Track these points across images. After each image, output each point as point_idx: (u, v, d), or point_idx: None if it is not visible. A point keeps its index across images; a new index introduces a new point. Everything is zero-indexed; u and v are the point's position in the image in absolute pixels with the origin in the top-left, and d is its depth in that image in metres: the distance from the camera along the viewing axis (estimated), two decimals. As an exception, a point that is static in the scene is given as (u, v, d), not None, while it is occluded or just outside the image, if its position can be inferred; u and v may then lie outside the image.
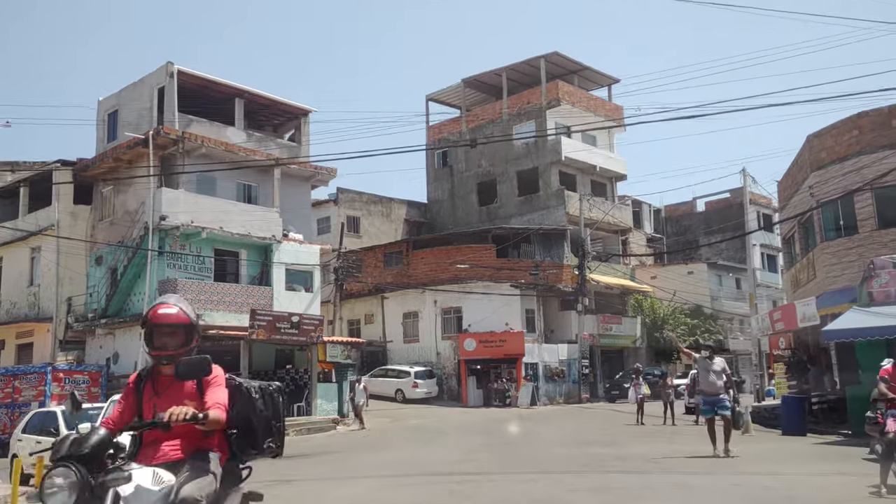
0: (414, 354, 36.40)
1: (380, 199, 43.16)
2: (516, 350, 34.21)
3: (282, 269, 27.52)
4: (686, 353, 13.85)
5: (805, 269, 23.70)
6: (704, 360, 12.31)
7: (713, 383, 11.99)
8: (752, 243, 52.10)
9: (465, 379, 34.47)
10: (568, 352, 36.73)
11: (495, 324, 34.57)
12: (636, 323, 41.61)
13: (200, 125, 27.44)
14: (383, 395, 34.16)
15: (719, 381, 12.04)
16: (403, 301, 37.29)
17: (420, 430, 22.60)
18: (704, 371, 12.14)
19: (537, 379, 34.95)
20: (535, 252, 36.82)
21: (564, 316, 38.24)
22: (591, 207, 39.21)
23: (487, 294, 34.48)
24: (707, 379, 12.06)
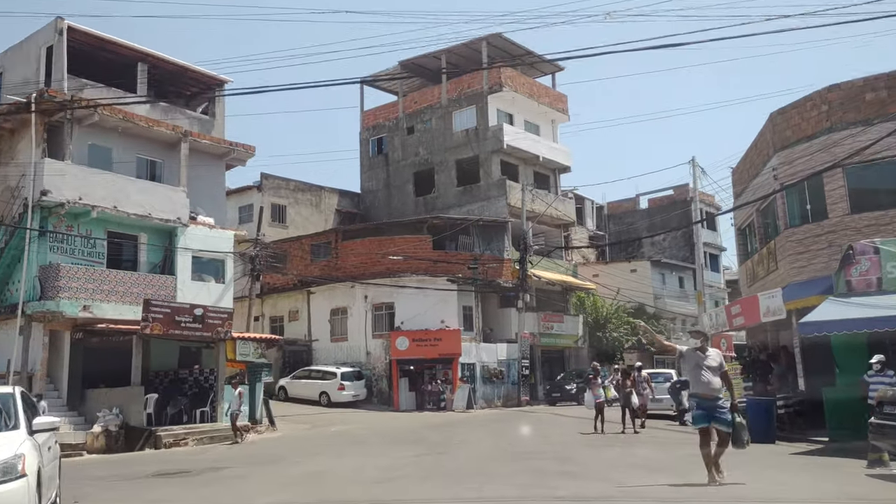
0: (342, 354, 33.49)
1: (308, 186, 40.08)
2: (452, 349, 31.68)
3: (188, 257, 24.29)
4: (668, 348, 10.68)
5: (764, 260, 21.79)
6: (694, 354, 9.20)
7: (707, 382, 8.91)
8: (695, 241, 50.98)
9: (396, 381, 31.75)
10: (507, 352, 34.40)
11: (430, 321, 31.96)
12: (578, 322, 39.59)
13: (96, 90, 24.00)
14: (306, 399, 31.22)
15: (715, 378, 8.96)
16: (331, 296, 34.34)
17: (340, 439, 19.79)
18: (695, 367, 9.06)
19: (474, 380, 32.48)
20: (475, 245, 34.38)
21: (504, 313, 35.90)
22: (534, 199, 37.00)
23: (422, 289, 31.85)
24: (699, 377, 8.99)
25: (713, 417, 8.90)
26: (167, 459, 16.81)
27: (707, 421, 8.92)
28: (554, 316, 38.13)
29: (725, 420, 8.90)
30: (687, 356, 9.30)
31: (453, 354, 31.73)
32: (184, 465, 15.14)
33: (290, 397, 31.91)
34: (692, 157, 30.37)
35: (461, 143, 38.56)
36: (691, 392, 9.25)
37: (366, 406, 31.13)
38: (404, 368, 32.24)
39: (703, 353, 9.16)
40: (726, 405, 8.97)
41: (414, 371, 32.77)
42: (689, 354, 9.27)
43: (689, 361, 9.20)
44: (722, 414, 8.90)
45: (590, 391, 18.67)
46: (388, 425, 24.12)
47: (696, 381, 9.09)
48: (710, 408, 8.93)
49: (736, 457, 12.61)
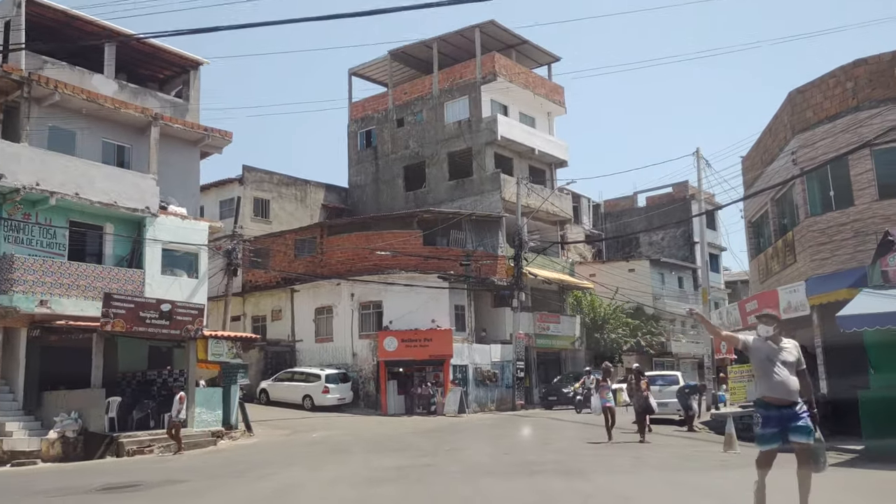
0: (327, 355, 31.73)
1: (293, 180, 38.31)
2: (443, 350, 29.97)
3: (158, 249, 22.51)
4: (727, 338, 7.71)
5: (780, 253, 20.18)
6: (764, 345, 6.79)
7: (783, 382, 6.57)
8: (695, 240, 49.44)
9: (384, 383, 30.00)
10: (501, 353, 32.71)
11: (420, 321, 30.25)
12: (575, 322, 37.94)
13: (58, 69, 22.29)
14: (289, 402, 29.48)
15: (793, 377, 6.62)
16: (316, 294, 32.59)
17: (319, 447, 18.04)
18: (765, 362, 6.68)
19: (467, 383, 30.78)
20: (467, 241, 32.69)
21: (498, 313, 34.23)
22: (529, 193, 35.36)
23: (412, 286, 30.14)
24: (771, 375, 6.61)
25: (791, 430, 6.54)
26: (124, 469, 15.05)
27: (779, 440, 6.55)
28: (550, 316, 36.48)
29: (806, 429, 6.55)
30: (755, 348, 6.87)
31: (444, 356, 30.04)
32: (139, 476, 13.38)
33: (272, 401, 30.17)
34: (696, 149, 28.80)
35: (453, 135, 36.90)
36: (759, 396, 6.81)
37: (352, 410, 29.40)
38: (393, 370, 30.54)
39: (777, 345, 6.81)
40: (804, 411, 6.67)
41: (403, 373, 31.08)
42: (758, 346, 6.86)
43: (758, 354, 6.80)
44: (801, 423, 6.58)
45: (597, 395, 16.87)
46: (373, 431, 22.39)
47: (766, 381, 6.69)
48: (785, 417, 6.55)
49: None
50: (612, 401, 16.70)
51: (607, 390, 16.82)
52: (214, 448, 19.27)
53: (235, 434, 21.18)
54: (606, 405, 16.59)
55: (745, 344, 6.93)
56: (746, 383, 25.87)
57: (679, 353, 44.28)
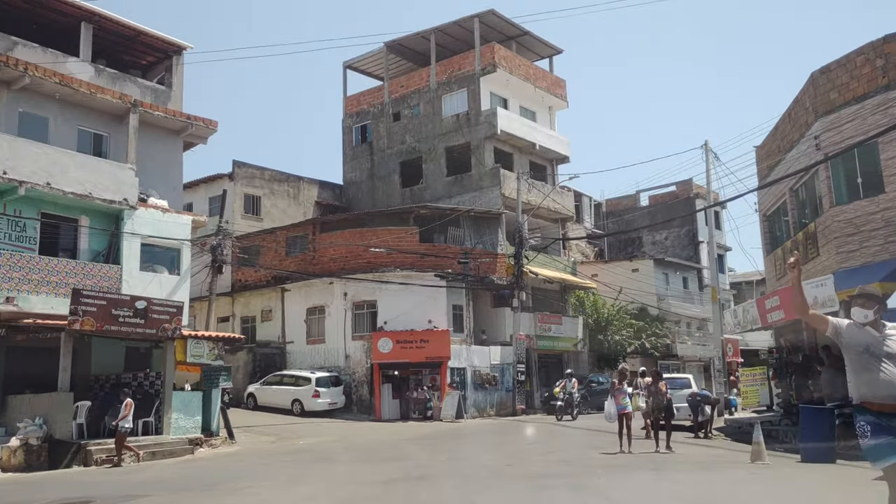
0: (318, 357, 30.35)
1: (286, 176, 36.96)
2: (440, 352, 28.61)
3: (137, 244, 21.14)
4: (813, 318, 5.13)
5: (800, 246, 18.83)
6: (863, 332, 4.98)
7: (890, 382, 4.77)
8: (700, 239, 48.13)
9: (378, 387, 28.62)
10: (501, 355, 31.34)
11: (416, 321, 28.90)
12: (578, 323, 36.57)
13: (30, 51, 20.96)
14: (278, 407, 28.11)
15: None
16: (307, 294, 31.22)
17: (304, 455, 16.67)
18: (865, 355, 4.90)
19: (465, 387, 29.40)
20: (465, 238, 31.34)
21: (497, 314, 32.87)
22: (530, 189, 34.04)
23: (408, 285, 28.78)
24: (876, 372, 4.83)
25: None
26: (86, 481, 13.67)
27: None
28: (552, 317, 35.12)
29: None
30: (849, 336, 5.03)
31: (441, 358, 28.68)
32: (99, 489, 12.02)
33: (259, 406, 28.79)
34: (705, 142, 27.45)
35: (451, 129, 35.58)
36: (859, 400, 4.91)
37: (344, 415, 28.02)
38: (387, 373, 29.17)
39: (879, 332, 4.98)
40: None
41: (398, 376, 29.72)
42: (854, 334, 5.02)
43: (854, 345, 4.99)
44: None
45: (612, 400, 15.44)
46: (365, 438, 21.01)
47: (866, 380, 4.90)
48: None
49: (805, 480, 9.59)
50: (629, 406, 15.27)
51: (623, 395, 15.40)
52: (191, 457, 17.87)
53: (216, 442, 19.78)
54: (624, 412, 15.15)
55: (835, 329, 5.07)
56: (759, 387, 24.58)
57: (685, 356, 42.90)
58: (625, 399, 15.09)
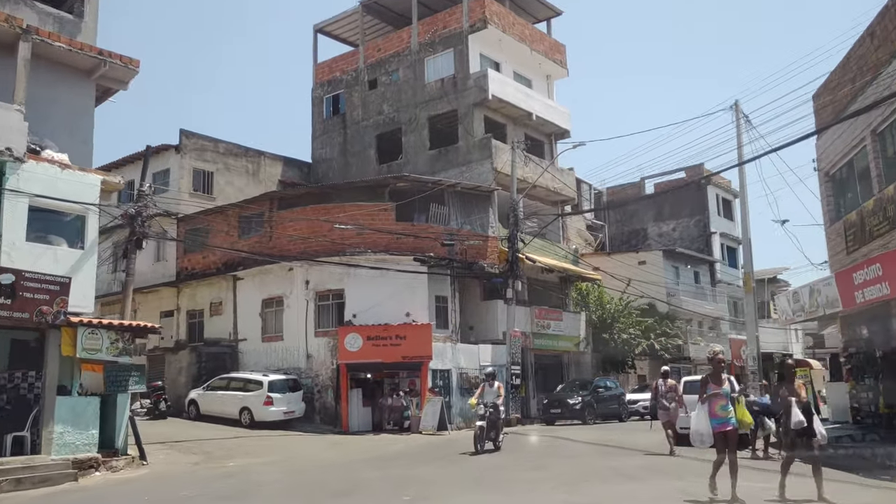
0: (275, 357, 25.54)
1: (244, 150, 32.13)
2: (420, 351, 23.89)
3: (24, 206, 16.29)
4: None
5: (886, 207, 14.18)
6: None
7: None
8: (712, 231, 43.63)
9: (346, 392, 23.84)
10: (492, 355, 26.65)
11: (391, 314, 24.16)
12: (580, 320, 31.92)
13: None
14: (224, 417, 23.29)
15: None
16: (263, 282, 26.41)
17: (221, 484, 11.91)
18: None
19: (449, 392, 24.68)
20: (451, 217, 26.62)
21: (488, 307, 28.19)
22: (527, 162, 29.44)
23: (382, 271, 24.05)
24: None
25: None
26: None
27: None
28: (551, 312, 30.45)
29: None
30: None
31: (421, 358, 23.95)
32: None
33: (203, 414, 23.97)
34: (734, 102, 22.88)
35: (435, 96, 30.91)
36: None
37: (304, 426, 23.20)
38: (357, 376, 24.43)
39: None
40: None
41: (370, 380, 25.01)
42: None
43: None
44: None
45: (703, 410, 9.67)
46: (315, 459, 16.21)
47: None
48: None
49: None
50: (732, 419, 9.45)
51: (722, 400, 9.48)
52: (71, 486, 13.02)
53: (118, 463, 14.91)
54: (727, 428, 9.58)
55: None
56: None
57: (697, 359, 38.33)
58: (726, 407, 9.49)
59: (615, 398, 27.84)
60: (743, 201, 24.01)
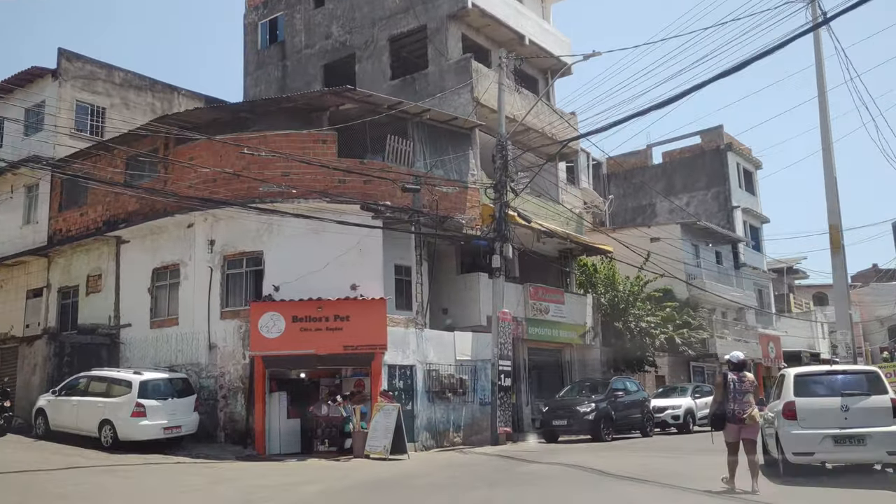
0: (168, 349, 18.16)
1: (149, 83, 24.58)
2: (371, 338, 16.70)
3: None
4: None
5: None
6: None
7: None
8: (734, 205, 36.84)
9: (261, 397, 16.51)
10: (473, 346, 19.51)
11: (330, 286, 16.87)
12: (586, 304, 24.82)
13: None
14: (80, 433, 15.90)
15: None
16: (155, 245, 19.04)
17: None
18: None
19: (413, 396, 17.54)
20: (417, 155, 19.41)
21: (468, 283, 21.09)
22: (518, 90, 22.40)
23: (317, 226, 16.82)
24: None
25: None
26: None
27: None
28: (550, 291, 23.38)
29: None
30: None
31: (372, 348, 16.73)
32: None
33: (53, 429, 16.52)
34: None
35: (398, 9, 23.69)
36: None
37: (199, 448, 15.90)
38: (282, 375, 17.20)
39: None
40: None
41: (304, 381, 17.78)
42: None
43: None
44: None
45: None
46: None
47: None
48: None
49: None
50: None
51: None
52: None
53: None
54: None
55: None
56: None
57: (723, 356, 31.30)
58: None
59: (638, 405, 20.74)
60: (826, 131, 17.02)
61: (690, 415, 22.26)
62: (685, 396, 22.79)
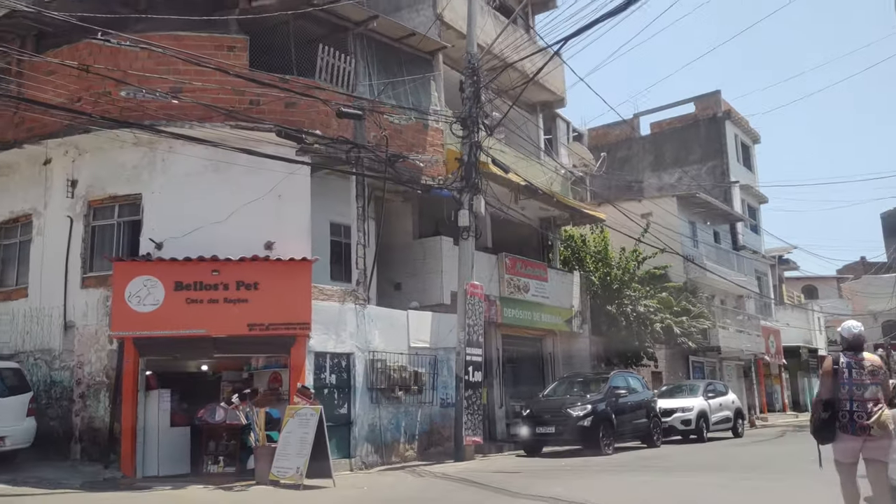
0: (14, 331, 13.27)
1: None
2: (289, 315, 11.97)
3: None
4: None
5: None
6: None
7: None
8: (733, 180, 32.71)
9: (131, 397, 11.63)
10: (433, 331, 14.92)
11: (236, 243, 12.07)
12: (573, 283, 20.37)
13: None
14: None
15: None
16: (1, 190, 14.08)
17: None
18: None
19: (349, 396, 12.89)
20: (362, 78, 14.68)
21: (426, 249, 16.47)
22: (494, 15, 17.84)
23: (219, 160, 12.10)
24: None
25: None
26: None
27: None
28: (530, 265, 18.90)
29: None
30: None
31: (291, 328, 11.99)
32: None
33: None
34: None
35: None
36: None
37: (38, 469, 11.03)
38: (164, 365, 12.38)
39: None
40: None
41: (199, 376, 13.06)
42: None
43: None
44: None
45: None
46: None
47: None
48: None
49: None
50: None
51: None
52: None
53: None
54: None
55: None
56: None
57: (727, 350, 27.12)
58: None
59: (642, 407, 16.30)
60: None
61: (704, 419, 17.92)
62: (696, 396, 18.45)
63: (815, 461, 6.04)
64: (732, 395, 20.12)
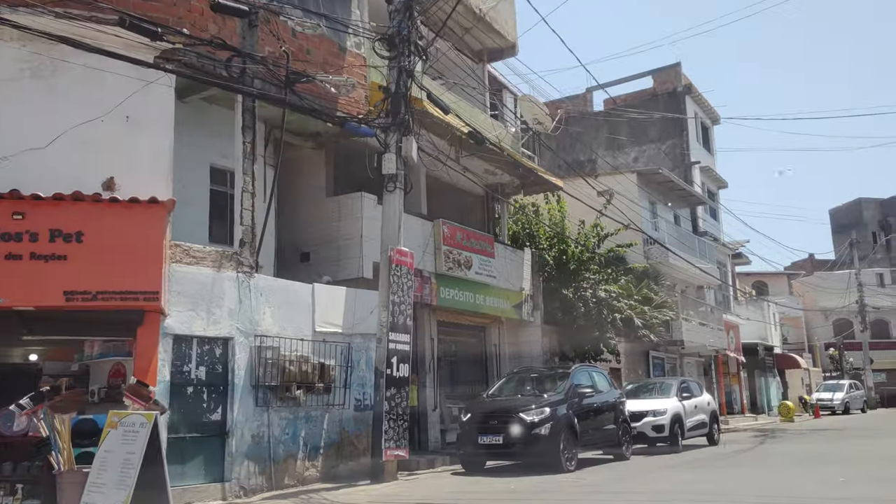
0: None
1: None
2: (132, 281, 8.30)
3: None
4: None
5: None
6: None
7: None
8: (693, 160, 30.10)
9: None
10: (348, 311, 11.43)
11: (64, 178, 8.36)
12: (523, 261, 17.15)
13: None
14: None
15: None
16: None
17: None
18: None
19: (227, 395, 9.28)
20: (253, -25, 11.12)
21: (342, 208, 12.99)
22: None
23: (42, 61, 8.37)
24: None
25: None
26: None
27: None
28: (474, 236, 15.59)
29: None
30: None
31: (135, 298, 8.33)
32: None
33: None
34: None
35: None
36: None
37: None
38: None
39: None
40: None
41: (26, 367, 9.23)
42: None
43: None
44: None
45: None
46: None
47: None
48: None
49: None
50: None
51: None
52: None
53: None
54: None
55: None
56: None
57: (691, 344, 24.36)
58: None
59: (610, 409, 13.14)
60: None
61: (679, 424, 14.88)
62: (669, 397, 15.40)
63: None
64: (707, 395, 17.24)
